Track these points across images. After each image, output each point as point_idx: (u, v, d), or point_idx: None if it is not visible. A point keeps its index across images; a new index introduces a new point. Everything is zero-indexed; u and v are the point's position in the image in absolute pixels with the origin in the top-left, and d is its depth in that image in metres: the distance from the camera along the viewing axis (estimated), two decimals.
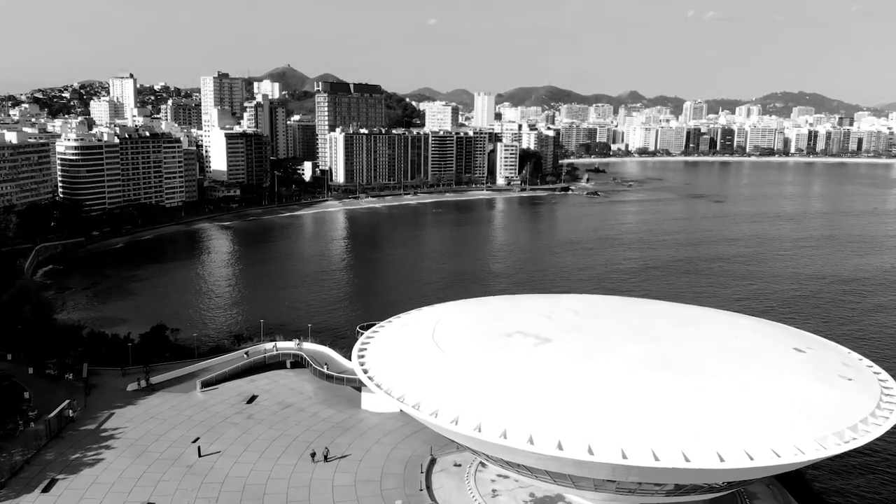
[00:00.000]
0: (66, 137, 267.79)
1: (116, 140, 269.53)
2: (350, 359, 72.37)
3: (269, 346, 78.82)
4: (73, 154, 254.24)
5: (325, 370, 69.50)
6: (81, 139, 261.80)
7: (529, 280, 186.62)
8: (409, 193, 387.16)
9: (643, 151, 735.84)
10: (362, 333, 69.27)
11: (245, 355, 76.12)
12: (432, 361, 48.67)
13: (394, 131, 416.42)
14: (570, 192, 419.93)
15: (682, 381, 46.74)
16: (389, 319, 58.34)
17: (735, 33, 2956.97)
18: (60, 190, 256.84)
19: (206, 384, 70.27)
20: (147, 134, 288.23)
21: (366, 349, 52.33)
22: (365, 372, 49.01)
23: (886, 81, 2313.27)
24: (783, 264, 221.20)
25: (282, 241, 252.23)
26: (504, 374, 47.69)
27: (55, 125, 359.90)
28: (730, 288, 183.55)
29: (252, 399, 67.69)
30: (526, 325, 51.67)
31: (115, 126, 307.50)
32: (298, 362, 75.21)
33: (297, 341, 78.95)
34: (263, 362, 75.43)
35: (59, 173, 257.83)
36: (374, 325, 74.31)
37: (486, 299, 60.72)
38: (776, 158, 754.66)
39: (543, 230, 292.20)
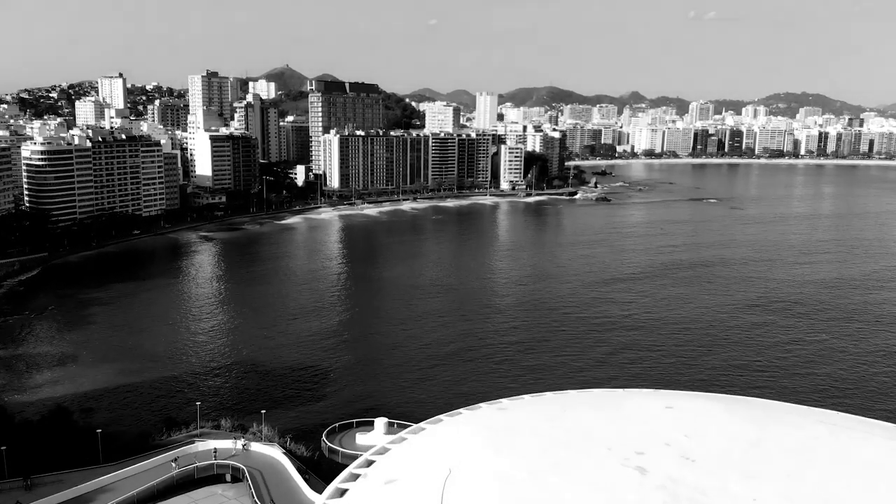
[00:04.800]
0: (34, 141, 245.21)
1: (89, 144, 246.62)
2: (310, 473, 49.91)
3: (203, 446, 56.02)
4: (39, 159, 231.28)
5: None
6: (49, 143, 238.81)
7: (547, 311, 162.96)
8: (407, 199, 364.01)
9: (649, 153, 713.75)
10: (330, 450, 46.74)
11: (173, 464, 53.37)
12: None
13: (392, 133, 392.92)
14: (578, 197, 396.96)
15: None
16: (369, 456, 35.19)
17: (736, 34, 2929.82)
18: (26, 199, 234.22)
19: None
20: (123, 137, 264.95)
21: None
22: None
23: (889, 82, 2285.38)
24: (828, 269, 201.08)
25: (262, 257, 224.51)
26: None
27: (33, 127, 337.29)
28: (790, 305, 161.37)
29: None
30: (608, 493, 29.00)
31: (87, 128, 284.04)
32: (238, 479, 52.35)
33: (242, 441, 56.21)
34: (193, 475, 52.72)
35: (24, 180, 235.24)
36: (352, 425, 52.09)
37: (520, 408, 37.83)
38: (786, 160, 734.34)
39: (557, 242, 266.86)
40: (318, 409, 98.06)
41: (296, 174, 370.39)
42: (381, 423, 48.38)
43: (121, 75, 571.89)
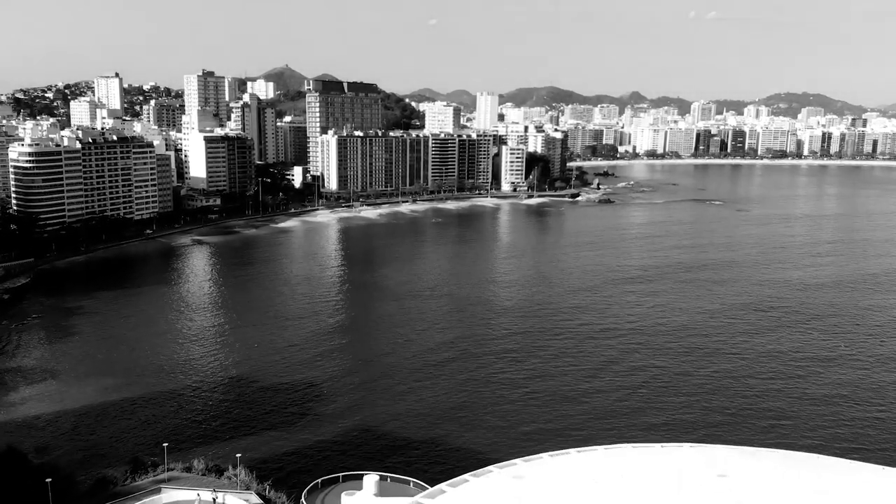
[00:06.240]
0: (21, 142, 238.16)
1: (78, 145, 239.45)
2: None
3: (168, 497, 49.05)
4: (26, 161, 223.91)
5: None
6: (36, 144, 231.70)
7: (548, 315, 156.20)
8: (407, 201, 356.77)
9: (651, 154, 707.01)
10: None
11: None
12: None
13: (391, 133, 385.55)
14: (581, 199, 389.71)
15: None
16: None
17: (737, 34, 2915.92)
18: (14, 202, 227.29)
19: None
20: (114, 138, 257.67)
21: None
22: None
23: (890, 82, 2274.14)
24: (836, 270, 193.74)
25: (255, 261, 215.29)
26: None
27: (25, 127, 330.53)
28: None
29: None
30: None
31: (78, 129, 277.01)
32: None
33: (213, 492, 49.21)
34: None
35: (11, 183, 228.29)
36: (337, 481, 45.09)
37: (539, 476, 30.69)
38: (788, 161, 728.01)
39: (559, 245, 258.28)
40: (302, 433, 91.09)
41: (293, 176, 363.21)
42: (370, 480, 41.41)
43: (117, 75, 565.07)
